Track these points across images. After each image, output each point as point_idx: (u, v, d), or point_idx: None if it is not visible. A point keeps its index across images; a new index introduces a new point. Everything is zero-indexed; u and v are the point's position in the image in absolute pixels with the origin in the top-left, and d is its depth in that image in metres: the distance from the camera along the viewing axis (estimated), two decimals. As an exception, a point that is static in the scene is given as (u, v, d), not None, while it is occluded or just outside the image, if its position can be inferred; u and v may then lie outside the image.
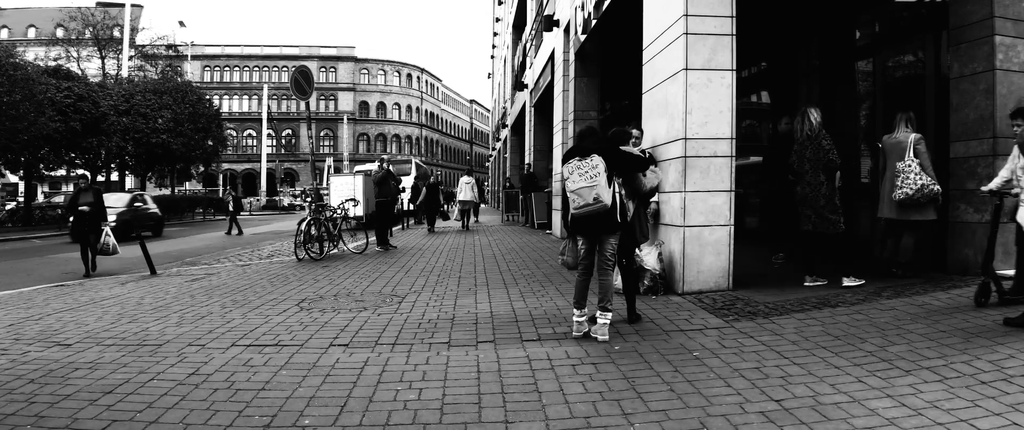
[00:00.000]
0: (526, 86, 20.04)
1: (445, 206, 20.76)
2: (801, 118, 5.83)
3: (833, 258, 5.82)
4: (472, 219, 18.46)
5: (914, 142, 5.62)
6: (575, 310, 4.37)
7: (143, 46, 36.44)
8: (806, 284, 5.75)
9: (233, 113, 59.34)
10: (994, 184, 4.57)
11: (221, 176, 54.63)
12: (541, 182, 17.02)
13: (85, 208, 9.78)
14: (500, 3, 31.86)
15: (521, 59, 20.96)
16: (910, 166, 5.57)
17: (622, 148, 4.69)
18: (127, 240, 11.51)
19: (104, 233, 9.77)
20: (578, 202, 4.16)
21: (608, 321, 4.28)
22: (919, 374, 3.32)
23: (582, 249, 4.41)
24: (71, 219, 10.01)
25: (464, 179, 18.03)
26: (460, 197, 17.93)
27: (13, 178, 31.05)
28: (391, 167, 12.16)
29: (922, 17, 6.55)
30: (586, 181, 4.11)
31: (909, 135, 5.67)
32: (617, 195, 4.25)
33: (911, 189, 5.53)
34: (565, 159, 4.34)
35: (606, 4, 8.89)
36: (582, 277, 4.40)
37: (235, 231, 19.37)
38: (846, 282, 5.62)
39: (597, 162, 4.13)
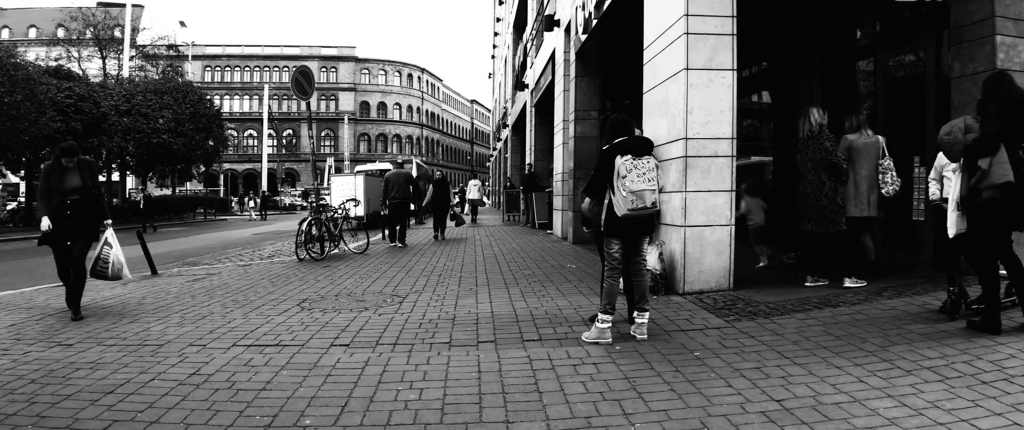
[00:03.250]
0: (527, 86, 20.04)
1: (456, 206, 19.89)
2: (804, 117, 5.86)
3: (835, 258, 5.83)
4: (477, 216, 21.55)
5: (885, 142, 5.78)
6: (605, 315, 4.22)
7: (144, 46, 36.44)
8: (807, 284, 5.76)
9: (234, 113, 59.37)
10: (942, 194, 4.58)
11: (222, 176, 54.65)
12: (542, 182, 17.03)
13: (76, 196, 5.54)
14: (501, 3, 31.85)
15: (522, 59, 20.97)
16: (891, 165, 5.72)
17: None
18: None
19: (103, 241, 5.87)
20: (638, 204, 4.10)
21: (647, 319, 4.31)
22: (920, 374, 3.32)
23: (617, 252, 4.28)
24: (46, 222, 5.45)
25: (473, 182, 22.70)
26: (470, 196, 21.78)
27: (14, 178, 31.05)
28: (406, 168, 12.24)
29: (923, 17, 6.54)
30: (646, 183, 4.10)
31: (878, 136, 5.81)
32: None
33: (898, 185, 5.68)
34: (610, 153, 4.21)
35: (607, 4, 8.89)
36: (615, 280, 4.29)
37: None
38: (848, 283, 5.62)
39: (654, 164, 4.16)
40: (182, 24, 49.02)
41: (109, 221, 5.97)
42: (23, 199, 29.38)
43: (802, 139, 5.82)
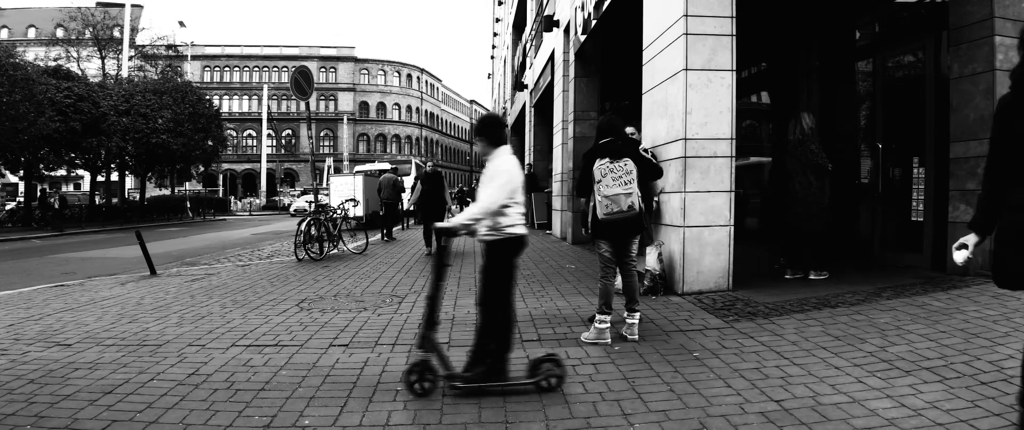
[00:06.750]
0: (526, 86, 20.04)
1: (453, 208, 15.56)
2: (794, 122, 6.13)
3: (815, 253, 6.15)
4: None
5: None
6: (602, 316, 4.26)
7: (143, 46, 36.37)
8: (811, 277, 6.06)
9: (233, 113, 59.25)
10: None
11: (221, 176, 54.60)
12: (541, 182, 17.02)
13: None
14: (500, 3, 31.87)
15: (521, 59, 20.96)
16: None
17: (643, 154, 4.68)
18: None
19: None
20: (612, 208, 4.13)
21: (637, 320, 4.31)
22: (919, 374, 3.32)
23: (607, 253, 4.35)
24: None
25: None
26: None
27: (13, 178, 31.02)
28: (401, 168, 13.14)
29: (922, 17, 6.55)
30: (621, 187, 4.11)
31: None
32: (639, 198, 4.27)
33: None
34: (590, 157, 4.31)
35: (606, 4, 8.89)
36: (609, 281, 4.33)
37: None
38: (812, 276, 6.05)
39: (631, 167, 4.14)
40: (181, 24, 48.85)
41: None
42: (22, 199, 29.38)
43: (792, 142, 6.08)
